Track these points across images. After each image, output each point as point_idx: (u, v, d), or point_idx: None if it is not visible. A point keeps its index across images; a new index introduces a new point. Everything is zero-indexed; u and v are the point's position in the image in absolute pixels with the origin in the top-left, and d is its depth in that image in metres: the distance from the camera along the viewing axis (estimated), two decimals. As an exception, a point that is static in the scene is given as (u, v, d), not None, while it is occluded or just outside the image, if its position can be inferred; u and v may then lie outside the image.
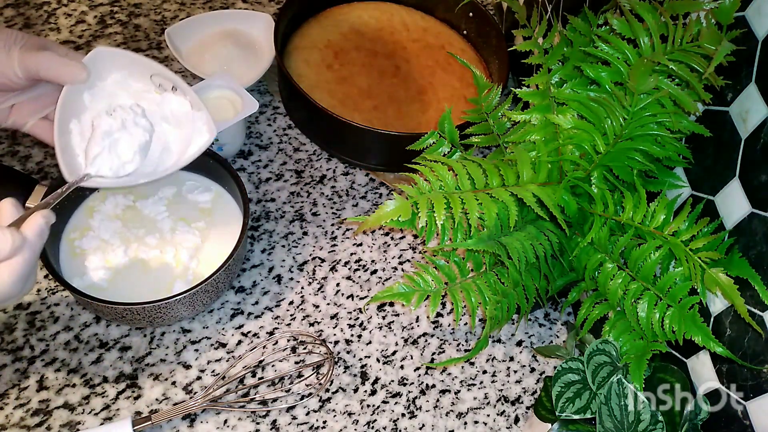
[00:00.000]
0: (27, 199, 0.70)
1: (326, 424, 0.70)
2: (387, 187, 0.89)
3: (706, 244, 0.55)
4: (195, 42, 0.93)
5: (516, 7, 0.68)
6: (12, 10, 0.98)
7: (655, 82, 0.54)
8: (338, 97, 0.89)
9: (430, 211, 0.55)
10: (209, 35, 0.94)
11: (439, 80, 0.94)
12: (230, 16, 0.96)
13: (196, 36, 0.93)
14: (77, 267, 0.72)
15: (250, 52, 0.93)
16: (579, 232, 0.66)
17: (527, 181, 0.60)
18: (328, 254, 0.82)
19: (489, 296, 0.64)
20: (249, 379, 0.71)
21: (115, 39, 0.97)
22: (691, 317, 0.56)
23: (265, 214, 0.84)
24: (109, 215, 0.76)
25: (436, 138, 0.74)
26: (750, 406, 0.55)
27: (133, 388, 0.69)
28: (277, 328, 0.76)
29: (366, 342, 0.76)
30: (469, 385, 0.75)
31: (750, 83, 0.54)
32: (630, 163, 0.61)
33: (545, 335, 0.80)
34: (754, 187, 0.54)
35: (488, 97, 0.73)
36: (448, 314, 0.80)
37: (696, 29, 0.56)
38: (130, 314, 0.67)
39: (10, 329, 0.71)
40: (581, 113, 0.62)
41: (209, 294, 0.71)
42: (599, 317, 0.63)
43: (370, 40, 0.96)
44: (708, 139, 0.60)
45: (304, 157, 0.90)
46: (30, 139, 0.85)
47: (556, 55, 0.67)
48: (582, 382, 0.58)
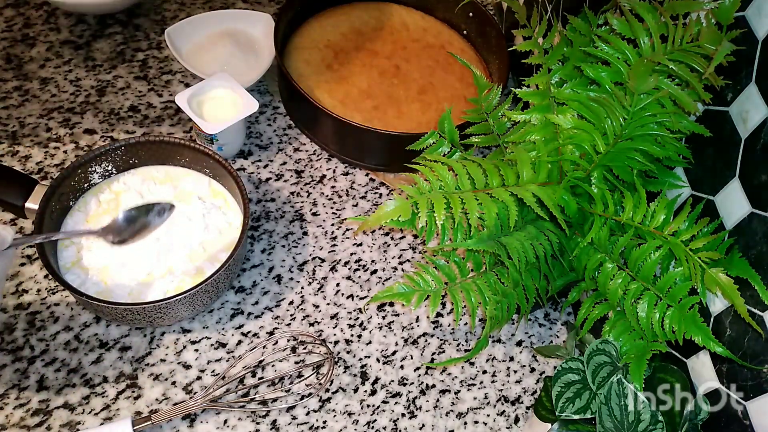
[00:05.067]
0: (27, 199, 0.70)
1: (326, 424, 0.70)
2: (387, 187, 0.89)
3: (706, 244, 0.55)
4: (195, 42, 0.93)
5: (516, 7, 0.68)
6: (12, 10, 0.98)
7: (655, 82, 0.54)
8: (338, 97, 0.89)
9: (430, 211, 0.55)
10: (209, 35, 0.94)
11: (439, 80, 0.94)
12: (230, 16, 0.96)
13: (196, 36, 0.93)
14: (77, 267, 0.72)
15: (250, 52, 0.93)
16: (579, 232, 0.66)
17: (527, 181, 0.60)
18: (328, 254, 0.82)
19: (489, 296, 0.64)
20: (249, 379, 0.71)
21: (115, 39, 0.97)
22: (691, 317, 0.56)
23: (265, 214, 0.84)
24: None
25: (436, 138, 0.74)
26: (750, 406, 0.55)
27: (133, 388, 0.69)
28: (277, 328, 0.76)
29: (366, 342, 0.76)
30: (469, 385, 0.75)
31: (750, 83, 0.54)
32: (630, 163, 0.61)
33: (545, 335, 0.80)
34: (754, 187, 0.54)
35: (488, 97, 0.73)
36: (448, 314, 0.80)
37: (696, 29, 0.56)
38: (130, 314, 0.67)
39: (10, 329, 0.71)
40: (581, 113, 0.62)
41: (209, 294, 0.71)
42: (599, 317, 0.63)
43: (370, 40, 0.96)
44: (708, 139, 0.60)
45: (304, 157, 0.90)
46: (30, 139, 0.85)
47: (556, 55, 0.67)
48: (582, 382, 0.58)
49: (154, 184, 0.78)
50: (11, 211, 0.73)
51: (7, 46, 0.94)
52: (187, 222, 0.75)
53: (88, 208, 0.76)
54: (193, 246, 0.74)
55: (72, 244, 0.73)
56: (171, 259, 0.73)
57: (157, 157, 0.79)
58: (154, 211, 0.70)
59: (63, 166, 0.84)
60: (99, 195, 0.77)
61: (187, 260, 0.74)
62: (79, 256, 0.72)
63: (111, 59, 0.95)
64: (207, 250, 0.75)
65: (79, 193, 0.76)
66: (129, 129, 0.88)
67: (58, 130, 0.87)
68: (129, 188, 0.77)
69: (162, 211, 0.71)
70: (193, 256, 0.74)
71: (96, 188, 0.77)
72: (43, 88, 0.90)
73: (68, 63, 0.93)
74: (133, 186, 0.78)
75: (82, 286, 0.70)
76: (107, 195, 0.77)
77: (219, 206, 0.78)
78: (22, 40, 0.95)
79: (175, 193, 0.78)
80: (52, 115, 0.88)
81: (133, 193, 0.77)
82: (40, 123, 0.87)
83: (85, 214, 0.75)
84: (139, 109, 0.90)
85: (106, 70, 0.94)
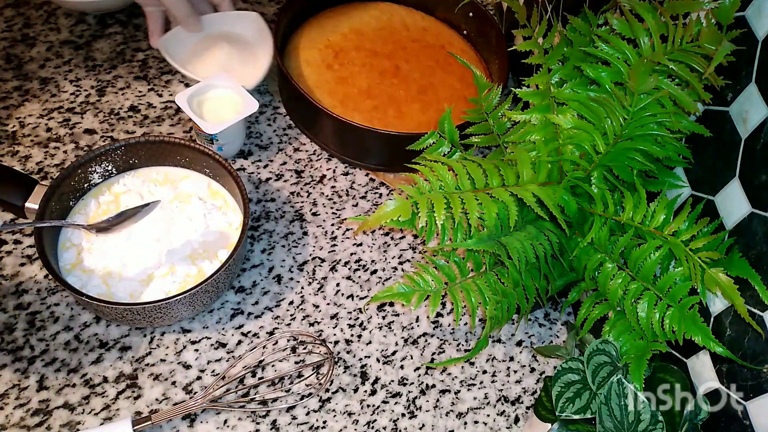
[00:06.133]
0: (27, 199, 0.70)
1: (326, 424, 0.70)
2: (387, 187, 0.89)
3: (706, 244, 0.55)
4: (189, 48, 0.92)
5: (516, 7, 0.68)
6: (12, 10, 0.98)
7: (655, 82, 0.54)
8: (338, 97, 0.89)
9: (430, 211, 0.55)
10: (202, 40, 0.92)
11: (439, 80, 0.94)
12: (219, 19, 0.94)
13: (189, 42, 0.92)
14: (78, 269, 0.72)
15: (247, 52, 0.93)
16: (579, 232, 0.66)
17: (527, 181, 0.60)
18: (328, 254, 0.82)
19: (489, 296, 0.64)
20: (249, 379, 0.71)
21: (115, 39, 0.97)
22: (691, 317, 0.56)
23: (265, 214, 0.84)
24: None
25: (436, 138, 0.74)
26: (750, 406, 0.55)
27: (133, 388, 0.69)
28: (277, 328, 0.76)
29: (366, 342, 0.76)
30: (469, 385, 0.75)
31: (750, 83, 0.54)
32: (630, 163, 0.61)
33: (545, 335, 0.80)
34: (754, 187, 0.54)
35: (488, 97, 0.73)
36: (448, 314, 0.80)
37: (696, 29, 0.56)
38: (130, 314, 0.67)
39: (10, 329, 0.71)
40: (581, 113, 0.62)
41: (209, 294, 0.71)
42: (599, 317, 0.63)
43: (370, 40, 0.96)
44: (708, 139, 0.60)
45: (304, 157, 0.90)
46: (30, 138, 0.85)
47: (556, 55, 0.67)
48: (582, 382, 0.58)
49: (154, 185, 0.78)
50: (11, 211, 0.73)
51: (7, 46, 0.94)
52: (188, 222, 0.75)
53: (88, 210, 0.76)
54: (194, 246, 0.74)
55: (72, 246, 0.73)
56: (171, 259, 0.73)
57: (157, 158, 0.79)
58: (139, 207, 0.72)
59: (63, 166, 0.84)
60: (99, 197, 0.77)
61: (188, 260, 0.74)
62: (80, 258, 0.72)
63: (111, 59, 0.95)
64: (207, 250, 0.75)
65: (79, 194, 0.76)
66: (129, 129, 0.88)
67: (58, 130, 0.87)
68: (129, 189, 0.77)
69: (146, 205, 0.72)
70: (193, 256, 0.74)
71: (96, 190, 0.77)
72: (43, 88, 0.90)
73: (68, 63, 0.93)
74: (133, 187, 0.78)
75: (83, 287, 0.70)
76: (107, 197, 0.77)
77: (219, 206, 0.78)
78: (22, 40, 0.95)
79: (176, 194, 0.78)
80: (52, 115, 0.88)
81: (133, 194, 0.77)
82: (40, 123, 0.87)
83: (85, 216, 0.75)
84: (139, 109, 0.91)
85: (106, 70, 0.94)
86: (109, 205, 0.76)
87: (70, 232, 0.74)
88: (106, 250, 0.72)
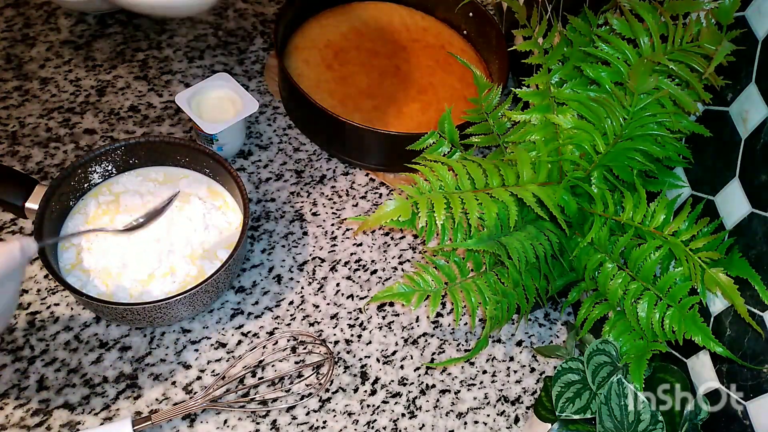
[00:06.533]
0: (27, 199, 0.70)
1: (326, 424, 0.70)
2: (387, 187, 0.89)
3: (706, 244, 0.55)
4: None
5: (516, 7, 0.68)
6: (12, 10, 0.98)
7: (655, 82, 0.54)
8: (338, 97, 0.89)
9: (430, 211, 0.55)
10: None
11: (439, 80, 0.94)
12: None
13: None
14: (78, 269, 0.72)
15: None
16: (579, 232, 0.66)
17: (527, 181, 0.60)
18: (328, 254, 0.82)
19: (489, 296, 0.64)
20: (249, 379, 0.71)
21: (115, 39, 0.97)
22: (691, 317, 0.56)
23: (265, 214, 0.84)
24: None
25: (436, 138, 0.74)
26: (750, 406, 0.55)
27: (133, 388, 0.69)
28: (277, 328, 0.76)
29: (366, 342, 0.76)
30: (469, 385, 0.75)
31: (750, 83, 0.54)
32: (630, 163, 0.61)
33: (545, 335, 0.80)
34: (754, 187, 0.54)
35: (488, 97, 0.73)
36: (448, 314, 0.80)
37: (696, 29, 0.56)
38: (131, 314, 0.67)
39: (10, 329, 0.71)
40: (581, 113, 0.62)
41: (209, 294, 0.71)
42: (599, 317, 0.63)
43: (370, 40, 0.96)
44: (708, 139, 0.60)
45: (304, 157, 0.90)
46: (30, 138, 0.85)
47: (556, 55, 0.67)
48: (582, 382, 0.58)
49: (154, 185, 0.78)
50: (11, 211, 0.73)
51: (7, 46, 0.94)
52: (188, 222, 0.75)
53: (87, 210, 0.76)
54: (194, 246, 0.74)
55: (72, 246, 0.73)
56: (171, 259, 0.73)
57: (157, 158, 0.79)
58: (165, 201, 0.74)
59: (63, 166, 0.84)
60: (99, 197, 0.77)
61: (188, 260, 0.74)
62: (80, 258, 0.72)
63: (111, 59, 0.95)
64: (207, 250, 0.75)
65: (80, 194, 0.76)
66: (129, 129, 0.88)
67: (58, 130, 0.87)
68: (128, 189, 0.77)
69: (170, 200, 0.74)
70: (193, 256, 0.74)
71: (96, 190, 0.77)
72: (43, 88, 0.90)
73: (68, 63, 0.93)
74: (133, 187, 0.78)
75: (83, 287, 0.70)
76: (107, 197, 0.77)
77: (219, 206, 0.78)
78: (22, 40, 0.95)
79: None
80: (52, 115, 0.88)
81: (133, 194, 0.77)
82: (40, 123, 0.87)
83: (85, 216, 0.75)
84: (139, 109, 0.91)
85: (106, 70, 0.94)
86: (109, 205, 0.76)
87: (70, 230, 0.74)
88: (106, 250, 0.72)
